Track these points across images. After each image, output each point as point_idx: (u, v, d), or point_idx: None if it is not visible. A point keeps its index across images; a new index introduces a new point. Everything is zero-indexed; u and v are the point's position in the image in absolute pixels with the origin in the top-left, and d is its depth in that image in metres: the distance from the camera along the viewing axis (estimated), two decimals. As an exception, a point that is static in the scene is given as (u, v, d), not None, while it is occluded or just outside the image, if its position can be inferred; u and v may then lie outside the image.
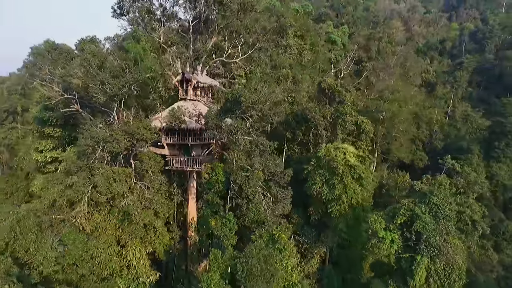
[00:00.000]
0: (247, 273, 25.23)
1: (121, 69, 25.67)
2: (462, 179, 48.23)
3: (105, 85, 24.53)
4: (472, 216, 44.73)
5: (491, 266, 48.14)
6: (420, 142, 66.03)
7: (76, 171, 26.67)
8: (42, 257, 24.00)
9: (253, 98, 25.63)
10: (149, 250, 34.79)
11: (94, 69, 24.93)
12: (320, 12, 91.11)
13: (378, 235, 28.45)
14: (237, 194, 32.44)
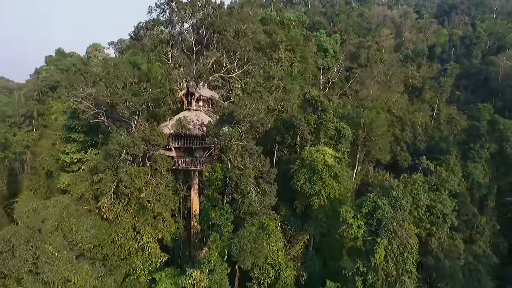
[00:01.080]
0: (240, 250, 32.42)
1: (139, 89, 32.77)
2: (434, 177, 55.42)
3: (128, 103, 31.65)
4: (443, 210, 51.96)
5: (458, 254, 55.01)
6: (405, 144, 72.79)
7: (104, 169, 33.78)
8: (80, 236, 31.16)
9: (243, 113, 32.78)
10: (159, 236, 41.96)
11: (119, 90, 32.03)
12: (314, 20, 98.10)
13: (347, 222, 35.49)
14: (233, 190, 39.54)
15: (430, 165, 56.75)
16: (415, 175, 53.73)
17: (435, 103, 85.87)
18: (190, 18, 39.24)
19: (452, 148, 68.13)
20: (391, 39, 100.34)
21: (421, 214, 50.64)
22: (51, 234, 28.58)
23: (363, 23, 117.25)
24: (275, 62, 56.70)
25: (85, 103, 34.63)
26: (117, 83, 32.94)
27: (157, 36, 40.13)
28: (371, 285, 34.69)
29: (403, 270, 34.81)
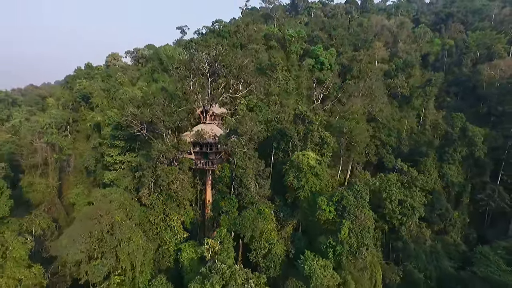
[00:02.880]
0: (242, 225, 47.16)
1: (171, 111, 47.75)
2: (406, 176, 69.26)
3: (164, 122, 46.53)
4: (413, 203, 65.68)
5: (424, 240, 68.45)
6: (390, 147, 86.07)
7: (145, 168, 48.83)
8: (132, 214, 46.30)
9: (244, 129, 47.45)
10: (181, 220, 56.92)
11: (158, 113, 46.98)
12: (313, 35, 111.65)
13: (322, 208, 49.74)
14: (238, 185, 54.34)
15: (404, 166, 70.85)
16: (390, 174, 68.13)
17: (421, 110, 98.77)
18: (206, 58, 53.81)
19: (430, 151, 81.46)
20: (384, 51, 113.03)
21: (394, 206, 64.63)
22: (117, 211, 43.68)
23: (361, 34, 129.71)
24: (274, 80, 71.09)
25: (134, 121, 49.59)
26: (156, 108, 47.93)
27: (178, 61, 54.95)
28: (339, 255, 48.75)
29: (362, 243, 48.76)
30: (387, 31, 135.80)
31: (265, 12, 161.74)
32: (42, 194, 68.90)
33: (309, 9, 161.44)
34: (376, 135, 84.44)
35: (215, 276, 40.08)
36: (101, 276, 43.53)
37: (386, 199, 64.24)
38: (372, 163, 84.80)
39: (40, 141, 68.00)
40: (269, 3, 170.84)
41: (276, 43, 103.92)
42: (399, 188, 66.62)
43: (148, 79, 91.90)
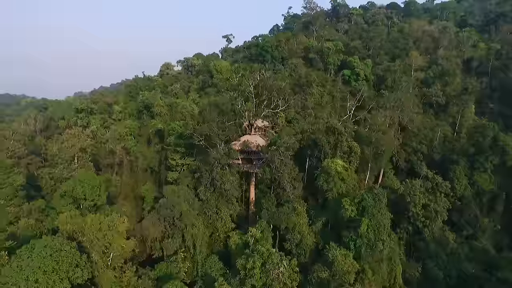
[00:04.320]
0: (278, 219, 61.21)
1: (224, 126, 63.21)
2: (431, 182, 78.42)
3: (219, 136, 61.98)
4: (436, 208, 74.90)
5: (446, 242, 76.87)
6: (421, 154, 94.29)
7: (202, 171, 64.76)
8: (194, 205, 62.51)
9: (281, 142, 61.26)
10: (230, 213, 72.17)
11: (214, 128, 62.50)
12: (350, 46, 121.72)
13: (345, 207, 61.98)
14: (277, 186, 68.46)
15: (429, 173, 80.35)
16: (414, 180, 78.13)
17: (457, 118, 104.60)
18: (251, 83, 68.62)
19: (461, 159, 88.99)
20: (421, 59, 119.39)
21: (418, 210, 74.41)
22: (183, 203, 60.04)
23: (400, 40, 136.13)
24: (309, 95, 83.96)
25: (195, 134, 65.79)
26: (212, 124, 63.58)
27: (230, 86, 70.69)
28: (359, 247, 60.64)
29: (379, 238, 60.18)
30: (428, 36, 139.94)
31: (306, 20, 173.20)
32: (118, 188, 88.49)
33: (350, 15, 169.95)
34: (408, 143, 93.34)
35: (256, 256, 54.52)
36: (172, 251, 60.22)
37: (410, 202, 74.25)
38: (405, 168, 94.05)
39: (118, 146, 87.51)
40: (310, 10, 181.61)
41: (315, 55, 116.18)
42: (423, 193, 75.98)
43: (200, 92, 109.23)
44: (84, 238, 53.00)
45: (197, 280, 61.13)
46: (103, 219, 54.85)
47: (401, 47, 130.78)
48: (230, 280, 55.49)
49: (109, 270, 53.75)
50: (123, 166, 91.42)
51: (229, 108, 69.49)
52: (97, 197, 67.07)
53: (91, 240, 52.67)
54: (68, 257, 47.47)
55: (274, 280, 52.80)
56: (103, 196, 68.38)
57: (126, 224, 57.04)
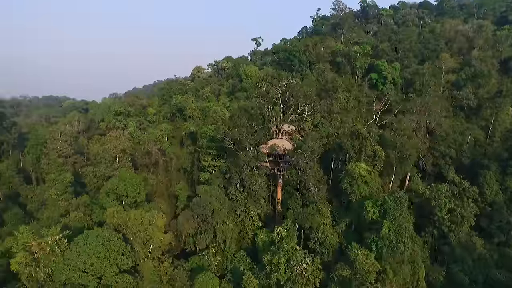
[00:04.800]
0: (303, 219, 65.84)
1: (253, 131, 68.66)
2: (458, 187, 79.70)
3: (249, 140, 67.54)
4: (463, 213, 76.29)
5: (473, 248, 77.70)
6: (450, 158, 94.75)
7: (233, 172, 70.57)
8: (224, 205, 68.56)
9: (306, 147, 65.75)
10: (257, 212, 77.58)
11: (244, 134, 68.22)
12: (378, 49, 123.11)
13: (367, 209, 65.39)
14: (302, 187, 72.99)
15: (455, 178, 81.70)
16: (440, 185, 79.80)
17: (490, 121, 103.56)
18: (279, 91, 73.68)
19: (492, 164, 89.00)
20: (452, 61, 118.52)
21: (443, 214, 76.10)
22: (215, 201, 66.27)
23: (431, 41, 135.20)
24: (335, 100, 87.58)
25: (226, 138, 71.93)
26: (242, 129, 69.25)
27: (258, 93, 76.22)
28: (380, 248, 63.87)
29: (400, 240, 63.10)
30: (462, 36, 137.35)
31: (335, 21, 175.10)
32: (154, 187, 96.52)
33: (379, 16, 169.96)
34: (435, 147, 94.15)
35: (282, 253, 59.54)
36: (204, 245, 66.59)
37: (435, 207, 76.10)
38: (433, 172, 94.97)
39: (154, 148, 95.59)
40: (339, 11, 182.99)
41: (343, 59, 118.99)
42: (449, 197, 77.40)
43: (230, 96, 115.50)
44: (127, 230, 60.42)
45: (226, 273, 67.08)
46: (144, 215, 62.12)
47: (431, 48, 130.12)
48: (257, 274, 60.91)
49: (149, 260, 60.93)
50: (158, 166, 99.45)
51: (257, 114, 74.85)
52: (137, 195, 74.84)
53: (134, 233, 60.02)
54: (116, 246, 54.94)
55: (298, 275, 57.58)
56: (143, 193, 76.07)
57: (163, 220, 64.06)
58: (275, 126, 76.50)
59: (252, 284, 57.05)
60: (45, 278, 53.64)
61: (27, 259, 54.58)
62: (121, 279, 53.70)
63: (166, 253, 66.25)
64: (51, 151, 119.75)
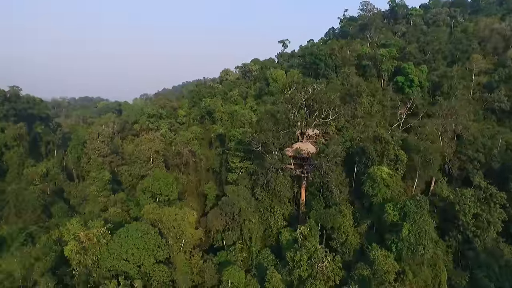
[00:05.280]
0: (325, 219, 70.15)
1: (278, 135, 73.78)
2: (484, 192, 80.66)
3: (274, 144, 72.84)
4: (489, 218, 77.38)
5: (500, 253, 78.04)
6: (478, 163, 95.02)
7: (259, 173, 76.03)
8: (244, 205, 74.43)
9: (328, 151, 70.04)
10: (282, 212, 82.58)
11: (270, 138, 73.46)
12: (405, 51, 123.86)
13: (388, 212, 68.61)
14: (325, 189, 77.22)
15: (482, 182, 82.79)
16: (465, 189, 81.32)
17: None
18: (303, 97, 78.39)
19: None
20: (485, 62, 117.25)
21: (468, 219, 77.59)
22: (242, 201, 72.14)
23: (463, 41, 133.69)
24: (359, 105, 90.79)
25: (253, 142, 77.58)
26: (268, 134, 74.60)
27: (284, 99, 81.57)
28: (400, 250, 66.88)
29: (419, 243, 65.77)
30: (497, 35, 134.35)
31: (362, 22, 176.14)
32: (185, 186, 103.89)
33: (408, 16, 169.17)
34: (462, 151, 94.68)
35: (304, 250, 64.27)
36: (231, 241, 72.57)
37: (459, 211, 77.78)
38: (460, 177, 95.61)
39: (185, 149, 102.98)
40: (367, 12, 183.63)
41: (368, 62, 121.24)
42: (474, 202, 78.58)
43: (257, 99, 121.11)
44: (162, 226, 67.40)
45: (251, 268, 72.66)
46: (177, 212, 68.94)
47: (462, 49, 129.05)
48: (280, 270, 66.03)
49: (181, 253, 67.67)
50: (189, 166, 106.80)
51: (283, 118, 79.94)
52: (170, 193, 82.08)
53: (168, 228, 66.91)
54: (153, 239, 62.00)
55: (319, 272, 62.16)
56: (175, 192, 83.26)
57: (194, 217, 70.62)
58: (299, 130, 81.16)
59: (276, 278, 62.15)
60: (92, 264, 61.58)
61: (77, 247, 62.77)
62: (158, 268, 60.65)
63: (196, 247, 72.78)
64: (90, 150, 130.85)
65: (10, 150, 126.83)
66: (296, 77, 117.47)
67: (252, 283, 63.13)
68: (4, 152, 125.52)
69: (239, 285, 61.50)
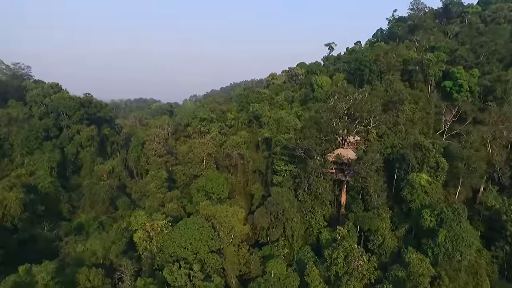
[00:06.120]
0: (363, 222, 76.72)
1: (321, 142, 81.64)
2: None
3: (316, 150, 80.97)
4: None
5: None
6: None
7: (302, 177, 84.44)
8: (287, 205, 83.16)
9: (367, 158, 76.31)
10: (322, 213, 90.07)
11: (313, 144, 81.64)
12: (455, 55, 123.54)
13: (425, 217, 73.23)
14: (365, 193, 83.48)
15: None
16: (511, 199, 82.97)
17: None
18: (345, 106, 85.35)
19: None
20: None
21: (516, 226, 79.31)
22: (285, 201, 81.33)
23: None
24: (401, 112, 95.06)
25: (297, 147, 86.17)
26: (311, 141, 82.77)
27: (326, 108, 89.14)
28: (436, 255, 71.20)
29: (456, 249, 69.57)
30: None
31: (412, 23, 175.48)
32: (233, 186, 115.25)
33: (464, 14, 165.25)
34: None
35: (341, 249, 71.52)
36: (275, 238, 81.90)
37: (506, 221, 79.92)
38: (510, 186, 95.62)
39: (235, 152, 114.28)
40: (417, 11, 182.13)
41: (415, 66, 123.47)
42: (515, 208, 79.87)
43: (302, 104, 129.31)
44: (215, 221, 78.50)
45: (292, 263, 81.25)
46: (228, 209, 79.79)
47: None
48: (319, 266, 73.85)
49: (230, 245, 78.34)
50: (237, 168, 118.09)
51: (325, 126, 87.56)
52: (221, 192, 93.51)
53: (220, 223, 77.89)
54: (207, 232, 73.31)
55: (354, 270, 69.12)
56: (226, 191, 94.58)
57: (243, 214, 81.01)
58: (341, 137, 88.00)
59: (314, 273, 70.14)
60: (156, 250, 74.43)
61: (144, 235, 76.01)
62: (211, 257, 71.71)
63: (244, 241, 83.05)
64: (148, 151, 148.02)
65: (84, 149, 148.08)
66: (340, 83, 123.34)
67: (292, 275, 71.55)
68: (79, 151, 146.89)
69: (281, 276, 70.28)
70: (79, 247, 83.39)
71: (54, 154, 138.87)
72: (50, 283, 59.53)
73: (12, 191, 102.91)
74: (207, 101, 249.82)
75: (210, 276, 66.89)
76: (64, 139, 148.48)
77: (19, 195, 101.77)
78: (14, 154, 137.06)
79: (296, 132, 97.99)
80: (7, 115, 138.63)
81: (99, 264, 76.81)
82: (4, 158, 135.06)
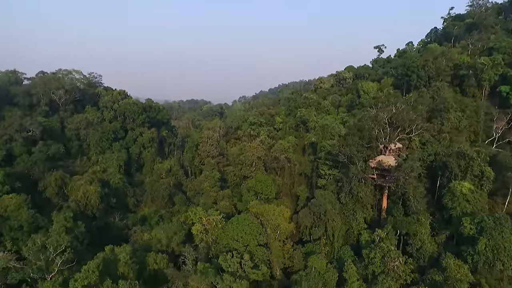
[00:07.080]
0: (401, 226, 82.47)
1: (363, 149, 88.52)
2: None
3: (358, 157, 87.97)
4: None
5: None
6: None
7: (344, 181, 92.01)
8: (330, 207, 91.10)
9: (405, 166, 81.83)
10: (363, 216, 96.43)
11: (355, 151, 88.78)
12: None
13: (464, 225, 77.02)
14: (405, 198, 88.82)
15: None
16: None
17: None
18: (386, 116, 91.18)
19: None
20: None
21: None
22: (328, 203, 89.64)
23: None
24: (446, 120, 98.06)
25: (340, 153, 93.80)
26: (353, 148, 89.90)
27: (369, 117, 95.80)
28: (476, 262, 74.67)
29: (498, 258, 72.54)
30: None
31: (469, 21, 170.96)
32: (280, 187, 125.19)
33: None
34: None
35: (378, 250, 78.11)
36: (317, 237, 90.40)
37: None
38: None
39: (282, 156, 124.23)
40: (478, 7, 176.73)
41: (467, 71, 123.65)
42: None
43: (349, 109, 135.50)
44: (263, 218, 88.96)
45: (333, 260, 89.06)
46: (275, 208, 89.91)
47: None
48: (357, 265, 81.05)
49: (276, 241, 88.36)
50: (284, 170, 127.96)
51: (367, 134, 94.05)
52: (269, 193, 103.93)
53: (267, 220, 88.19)
54: (256, 227, 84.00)
55: (390, 270, 75.50)
56: (273, 192, 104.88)
57: (288, 213, 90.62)
58: (382, 145, 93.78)
59: (352, 270, 77.55)
60: (211, 241, 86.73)
61: (201, 228, 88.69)
62: (259, 249, 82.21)
63: (288, 238, 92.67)
64: (202, 152, 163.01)
65: (145, 149, 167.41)
66: (386, 89, 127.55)
67: (332, 271, 79.29)
68: (142, 151, 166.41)
69: (321, 271, 78.50)
70: (145, 236, 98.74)
71: (122, 153, 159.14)
72: (128, 262, 74.06)
73: (92, 185, 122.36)
74: (256, 104, 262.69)
75: (258, 266, 77.16)
76: (129, 140, 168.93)
77: (97, 188, 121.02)
78: (91, 153, 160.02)
79: (339, 139, 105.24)
80: (85, 120, 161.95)
81: (163, 251, 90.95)
82: (83, 156, 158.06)
